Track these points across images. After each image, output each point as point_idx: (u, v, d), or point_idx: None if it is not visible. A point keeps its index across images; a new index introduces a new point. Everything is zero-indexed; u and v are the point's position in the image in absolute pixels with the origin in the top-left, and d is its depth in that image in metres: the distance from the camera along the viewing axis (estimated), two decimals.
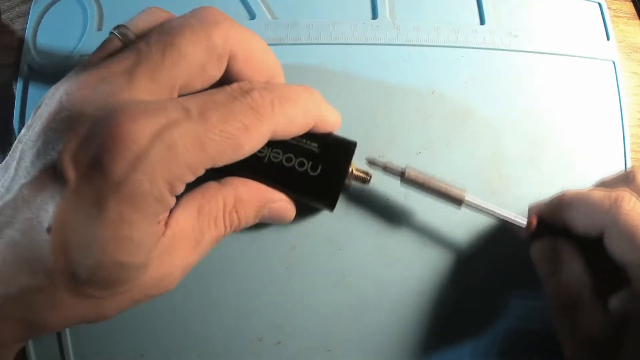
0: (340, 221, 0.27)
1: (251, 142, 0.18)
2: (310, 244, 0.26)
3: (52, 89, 0.18)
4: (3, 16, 0.30)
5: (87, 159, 0.16)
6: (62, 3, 0.29)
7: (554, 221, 0.24)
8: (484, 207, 0.24)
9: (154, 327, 0.26)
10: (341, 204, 0.27)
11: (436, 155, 0.28)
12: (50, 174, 0.16)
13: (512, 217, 0.24)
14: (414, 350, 0.26)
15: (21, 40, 0.29)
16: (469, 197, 0.24)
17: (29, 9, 0.29)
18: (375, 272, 0.26)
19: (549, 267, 0.24)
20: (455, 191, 0.24)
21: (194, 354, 0.26)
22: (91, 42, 0.28)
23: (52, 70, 0.28)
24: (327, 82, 0.28)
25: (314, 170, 0.22)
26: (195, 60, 0.18)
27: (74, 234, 0.16)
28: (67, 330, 0.25)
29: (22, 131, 0.18)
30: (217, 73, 0.19)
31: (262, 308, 0.26)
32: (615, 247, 0.21)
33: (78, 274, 0.16)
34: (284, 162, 0.22)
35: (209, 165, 0.18)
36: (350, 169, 0.23)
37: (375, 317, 0.26)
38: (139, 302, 0.19)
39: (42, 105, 0.18)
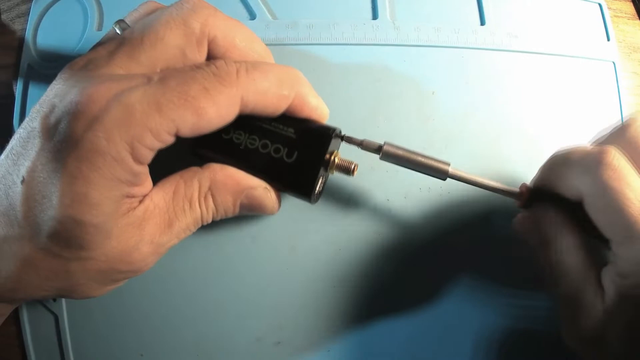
0: (340, 221, 0.27)
1: (214, 108, 0.18)
2: (310, 244, 0.26)
3: None
4: (3, 16, 0.30)
5: (55, 119, 0.18)
6: (62, 3, 0.29)
7: (545, 186, 0.22)
8: (470, 178, 0.22)
9: (154, 327, 0.26)
10: (341, 204, 0.27)
11: (436, 155, 0.28)
12: (32, 135, 0.18)
13: (503, 187, 0.22)
14: (415, 351, 0.26)
15: (21, 40, 0.29)
16: (453, 169, 0.22)
17: (29, 9, 0.29)
18: (375, 272, 0.26)
19: (535, 241, 0.22)
20: (438, 163, 0.22)
21: (194, 354, 0.26)
22: (91, 42, 0.28)
23: (52, 70, 0.28)
24: (327, 82, 0.28)
25: (290, 157, 0.21)
26: (172, 43, 0.19)
27: (40, 185, 0.17)
28: (67, 330, 0.26)
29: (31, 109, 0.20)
30: (198, 57, 0.20)
31: (262, 308, 0.26)
32: (595, 218, 0.19)
33: (40, 225, 0.18)
34: (260, 148, 0.21)
35: (171, 129, 0.18)
36: (333, 158, 0.22)
37: (375, 318, 0.26)
38: (110, 277, 0.20)
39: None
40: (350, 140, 0.22)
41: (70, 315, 0.26)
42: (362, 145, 0.22)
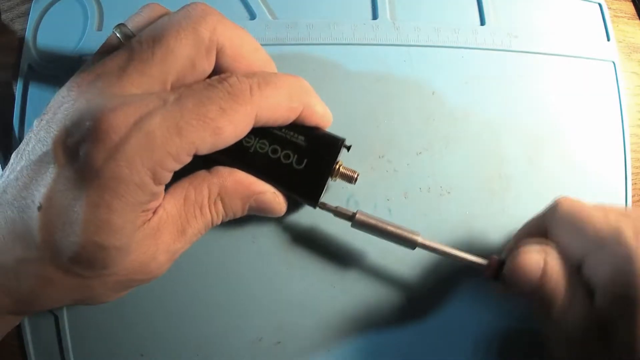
0: (340, 221, 0.26)
1: (231, 126, 0.18)
2: (310, 244, 0.26)
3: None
4: (3, 16, 0.30)
5: (72, 146, 0.17)
6: (62, 3, 0.29)
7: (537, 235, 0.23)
8: (439, 249, 0.23)
9: (154, 327, 0.26)
10: (341, 204, 0.27)
11: (436, 155, 0.28)
12: (46, 159, 0.18)
13: (471, 258, 0.23)
14: (415, 350, 0.26)
15: (21, 40, 0.29)
16: (422, 239, 0.23)
17: (29, 9, 0.29)
18: (375, 272, 0.26)
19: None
20: (407, 234, 0.23)
21: (194, 354, 0.26)
22: (91, 42, 0.28)
23: (52, 70, 0.28)
24: (327, 82, 0.28)
25: (299, 163, 0.21)
26: (183, 54, 0.19)
27: (59, 213, 0.17)
28: (67, 330, 0.25)
29: (34, 122, 0.20)
30: (207, 67, 0.20)
31: (262, 308, 0.26)
32: (600, 272, 0.20)
33: (62, 251, 0.17)
34: (269, 153, 0.21)
35: (190, 151, 0.18)
36: (337, 166, 0.22)
37: (375, 317, 0.26)
38: (127, 285, 0.20)
39: (52, 100, 0.20)
40: (324, 207, 0.23)
41: (70, 315, 0.26)
42: (336, 212, 0.23)
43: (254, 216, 0.26)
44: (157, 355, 0.26)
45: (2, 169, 0.20)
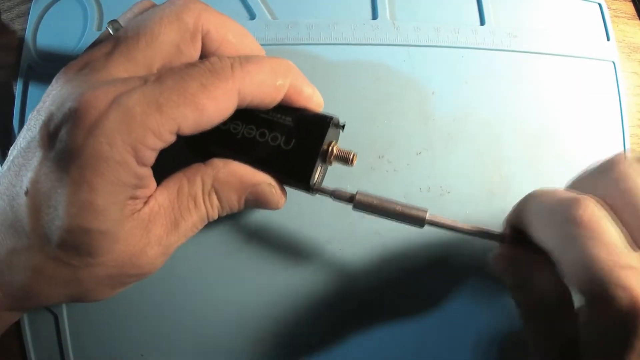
0: (340, 221, 0.27)
1: (213, 103, 0.18)
2: (310, 244, 0.26)
3: None
4: (3, 16, 0.30)
5: (55, 128, 0.17)
6: (62, 3, 0.29)
7: (521, 229, 0.21)
8: (450, 225, 0.21)
9: (154, 327, 0.26)
10: (341, 204, 0.27)
11: (436, 155, 0.28)
12: (33, 145, 0.18)
13: (485, 230, 0.22)
14: (415, 350, 0.26)
15: (21, 40, 0.29)
16: (430, 216, 0.21)
17: (29, 9, 0.29)
18: (375, 272, 0.26)
19: (514, 281, 0.21)
20: (414, 211, 0.21)
21: (194, 354, 0.26)
22: (90, 42, 0.28)
23: (52, 70, 0.27)
24: (327, 82, 0.28)
25: (288, 144, 0.21)
26: (168, 40, 0.19)
27: (45, 196, 0.17)
28: (67, 330, 0.26)
29: (29, 115, 0.20)
30: (193, 52, 0.20)
31: (262, 308, 0.26)
32: (563, 273, 0.19)
33: (49, 236, 0.17)
34: (257, 137, 0.21)
35: (172, 128, 0.18)
36: (331, 148, 0.22)
37: (375, 317, 0.26)
38: (120, 281, 0.20)
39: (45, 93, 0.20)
40: (321, 190, 0.22)
41: (70, 315, 0.26)
42: (334, 195, 0.22)
43: (254, 213, 0.26)
44: (157, 355, 0.26)
45: None
